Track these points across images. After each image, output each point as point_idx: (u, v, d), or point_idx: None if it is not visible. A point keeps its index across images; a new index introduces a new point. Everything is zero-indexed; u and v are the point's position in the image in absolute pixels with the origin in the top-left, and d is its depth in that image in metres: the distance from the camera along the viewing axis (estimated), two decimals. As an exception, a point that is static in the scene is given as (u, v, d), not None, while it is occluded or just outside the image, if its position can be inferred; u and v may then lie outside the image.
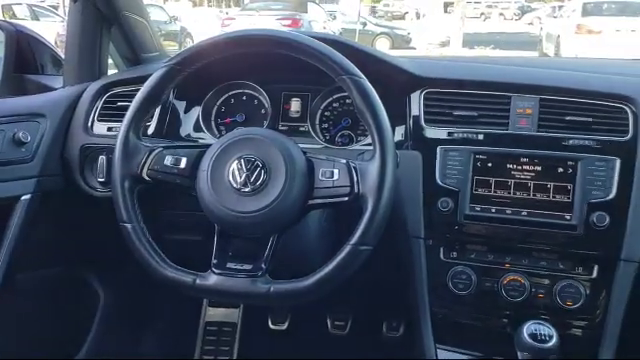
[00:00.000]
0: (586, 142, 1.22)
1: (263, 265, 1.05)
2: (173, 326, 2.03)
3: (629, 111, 1.23)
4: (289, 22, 12.28)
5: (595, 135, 1.22)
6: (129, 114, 1.12)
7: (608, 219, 1.17)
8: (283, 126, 1.48)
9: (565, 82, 1.29)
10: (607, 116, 1.24)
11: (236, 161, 1.05)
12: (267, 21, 11.56)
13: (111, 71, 1.68)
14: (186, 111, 1.50)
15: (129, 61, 1.72)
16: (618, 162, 1.19)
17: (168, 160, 1.11)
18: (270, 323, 2.06)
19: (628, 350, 1.22)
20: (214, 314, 2.06)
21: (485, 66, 1.44)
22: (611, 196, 1.18)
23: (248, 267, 1.06)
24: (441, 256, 1.29)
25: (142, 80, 1.16)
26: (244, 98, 1.51)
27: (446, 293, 1.28)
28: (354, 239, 1.01)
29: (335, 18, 15.34)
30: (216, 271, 1.06)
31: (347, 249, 1.01)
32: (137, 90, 1.14)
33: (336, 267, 1.01)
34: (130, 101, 1.14)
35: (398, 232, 1.28)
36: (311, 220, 1.33)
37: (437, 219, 1.27)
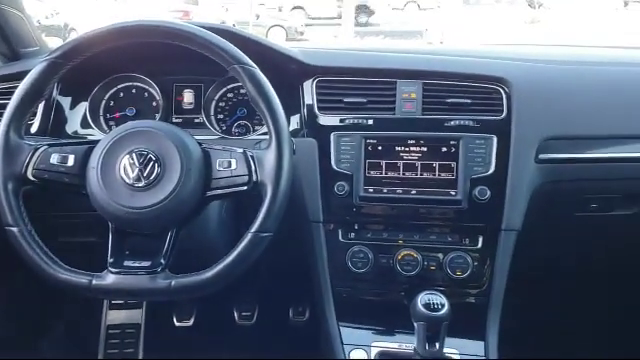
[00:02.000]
0: (466, 122, 1.31)
1: (162, 261, 1.03)
2: (72, 332, 1.95)
3: (503, 92, 1.33)
4: (181, 14, 11.99)
5: (474, 115, 1.31)
6: (8, 112, 1.06)
7: (489, 192, 1.27)
8: (177, 118, 1.46)
9: (445, 67, 1.38)
10: (484, 97, 1.33)
11: (127, 155, 1.03)
12: (158, 13, 11.23)
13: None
14: (72, 107, 1.44)
15: (5, 57, 1.61)
16: (495, 139, 1.29)
17: (54, 158, 1.06)
18: (175, 320, 2.02)
19: (511, 312, 1.33)
20: (116, 317, 2.00)
21: (372, 54, 1.50)
22: (490, 171, 1.28)
23: (147, 264, 1.03)
24: (340, 237, 1.34)
25: (21, 76, 1.10)
26: (134, 91, 1.47)
27: (346, 273, 1.33)
28: (255, 227, 1.02)
29: (228, 10, 15.13)
30: (113, 270, 1.02)
31: (248, 237, 1.02)
32: (16, 87, 1.08)
33: (238, 256, 1.02)
34: (8, 99, 1.08)
35: (298, 218, 1.31)
36: (211, 212, 1.32)
37: (334, 202, 1.31)
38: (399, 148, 1.30)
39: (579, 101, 1.37)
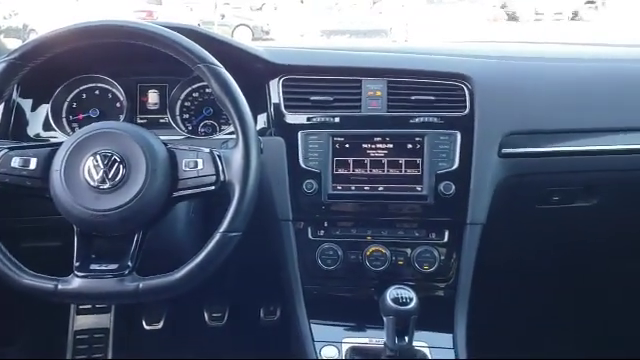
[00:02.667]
0: (430, 119, 1.33)
1: (129, 263, 1.02)
2: (39, 339, 1.91)
3: (466, 88, 1.35)
4: (144, 14, 11.84)
5: (438, 112, 1.33)
6: None
7: (454, 187, 1.29)
8: (141, 119, 1.44)
9: (409, 64, 1.39)
10: (448, 94, 1.35)
11: (91, 157, 1.01)
12: (122, 13, 11.07)
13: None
14: (33, 109, 1.41)
15: (-39, 59, 1.56)
16: (459, 135, 1.31)
17: (16, 162, 1.04)
18: (145, 324, 2.00)
19: (478, 305, 1.36)
20: (84, 322, 1.97)
21: (338, 53, 1.50)
22: (455, 166, 1.30)
23: (114, 267, 1.02)
24: (309, 235, 1.35)
25: None
26: (97, 92, 1.45)
27: (316, 270, 1.34)
28: (223, 226, 1.02)
29: (192, 10, 14.99)
30: (79, 274, 1.01)
31: (217, 237, 1.02)
32: None
33: (207, 256, 1.02)
34: None
35: (267, 216, 1.32)
36: (179, 212, 1.31)
37: (303, 200, 1.32)
38: (366, 145, 1.31)
39: (540, 96, 1.40)
